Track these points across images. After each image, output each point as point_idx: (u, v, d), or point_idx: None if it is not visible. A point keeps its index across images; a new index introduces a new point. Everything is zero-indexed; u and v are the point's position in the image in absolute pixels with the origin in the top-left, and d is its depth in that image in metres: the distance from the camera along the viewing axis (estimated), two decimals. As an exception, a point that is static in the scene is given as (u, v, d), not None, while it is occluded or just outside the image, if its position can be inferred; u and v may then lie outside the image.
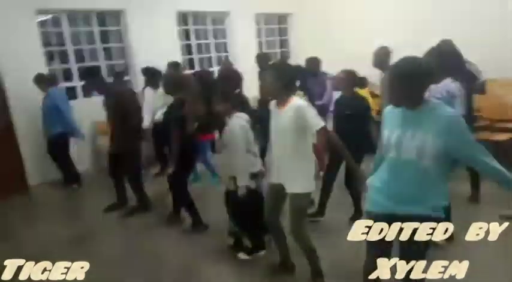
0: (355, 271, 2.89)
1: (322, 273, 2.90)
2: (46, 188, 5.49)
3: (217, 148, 3.54)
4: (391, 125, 2.02)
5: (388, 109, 2.10)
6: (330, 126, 3.78)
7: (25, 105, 5.34)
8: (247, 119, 3.20)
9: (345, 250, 3.40)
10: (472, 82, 3.83)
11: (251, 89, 5.28)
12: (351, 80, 3.65)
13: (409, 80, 1.85)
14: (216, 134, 5.62)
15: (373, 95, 5.09)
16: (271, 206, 2.90)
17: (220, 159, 3.53)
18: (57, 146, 5.26)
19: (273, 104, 2.79)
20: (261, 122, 4.69)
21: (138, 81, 6.27)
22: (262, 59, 5.72)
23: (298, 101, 2.61)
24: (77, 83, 6.15)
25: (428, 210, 1.96)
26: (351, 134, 3.48)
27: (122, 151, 4.23)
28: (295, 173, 2.68)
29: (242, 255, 3.34)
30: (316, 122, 2.56)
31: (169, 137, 3.61)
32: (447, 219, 3.23)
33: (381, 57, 4.38)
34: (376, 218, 2.11)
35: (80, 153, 5.76)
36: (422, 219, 1.96)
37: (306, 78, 5.21)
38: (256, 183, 3.22)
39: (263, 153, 3.98)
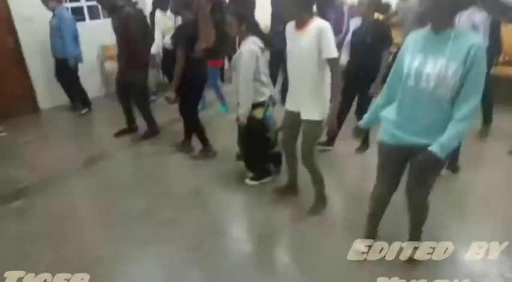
0: (357, 197, 3.01)
1: (326, 197, 3.02)
2: (57, 112, 5.54)
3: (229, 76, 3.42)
4: (414, 50, 1.96)
5: (412, 35, 2.03)
6: (345, 58, 3.68)
7: (32, 27, 5.17)
8: (260, 45, 3.00)
9: (349, 178, 3.51)
10: (502, 13, 3.59)
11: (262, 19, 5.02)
12: (373, 5, 3.46)
13: None
14: (226, 61, 5.53)
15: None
16: (288, 134, 2.93)
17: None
18: (66, 70, 5.19)
19: (290, 26, 2.63)
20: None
21: (146, 5, 6.02)
22: None
23: (321, 22, 2.46)
24: (84, 3, 5.94)
25: None
26: (369, 62, 3.42)
27: (128, 76, 4.17)
28: (311, 99, 2.62)
29: (249, 181, 3.43)
30: (332, 49, 2.45)
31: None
32: (456, 153, 3.27)
33: None
34: (388, 148, 2.14)
35: (89, 78, 5.72)
36: None
37: (323, 7, 4.90)
38: (262, 113, 3.12)
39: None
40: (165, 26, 4.67)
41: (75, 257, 2.60)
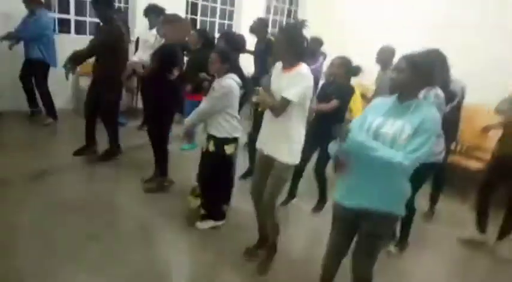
0: (310, 260, 2.96)
1: (276, 247, 2.89)
2: (19, 117, 5.31)
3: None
4: (376, 113, 2.05)
5: (378, 99, 2.16)
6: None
7: (6, 24, 5.01)
8: (238, 82, 3.07)
9: (303, 240, 3.48)
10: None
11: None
12: (344, 66, 3.57)
13: (418, 73, 1.93)
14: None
15: (363, 97, 5.00)
16: (259, 179, 2.80)
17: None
18: (36, 72, 5.07)
19: (277, 66, 2.66)
20: None
21: (137, 24, 6.12)
22: (258, 25, 5.10)
23: (305, 69, 2.51)
24: (72, 17, 5.95)
25: (391, 207, 2.01)
26: (331, 122, 3.50)
27: (103, 88, 4.10)
28: (285, 141, 2.57)
29: (200, 225, 3.32)
30: (291, 92, 2.43)
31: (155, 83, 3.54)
32: (406, 230, 3.36)
33: (385, 55, 4.27)
34: (342, 210, 2.14)
35: (60, 89, 5.59)
36: (383, 215, 2.01)
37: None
38: (233, 149, 3.15)
39: None
40: (148, 42, 4.66)
41: (7, 272, 2.45)
